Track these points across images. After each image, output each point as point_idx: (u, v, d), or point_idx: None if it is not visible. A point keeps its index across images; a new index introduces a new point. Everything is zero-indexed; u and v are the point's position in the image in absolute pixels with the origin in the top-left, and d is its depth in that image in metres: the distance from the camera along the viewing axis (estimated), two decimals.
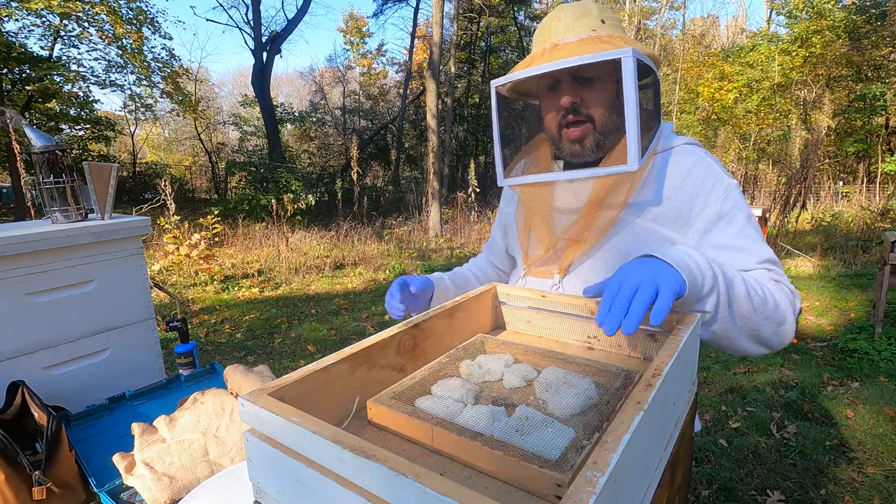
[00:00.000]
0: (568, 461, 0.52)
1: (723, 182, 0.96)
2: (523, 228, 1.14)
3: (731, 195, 0.96)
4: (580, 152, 0.98)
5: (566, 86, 0.95)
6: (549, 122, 1.01)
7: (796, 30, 12.22)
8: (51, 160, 1.40)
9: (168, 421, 1.07)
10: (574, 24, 0.95)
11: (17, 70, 10.56)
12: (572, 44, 0.93)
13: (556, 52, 0.93)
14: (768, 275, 0.92)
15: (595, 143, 0.97)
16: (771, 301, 0.86)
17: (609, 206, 0.97)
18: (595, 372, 0.75)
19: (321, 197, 13.74)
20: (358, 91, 22.47)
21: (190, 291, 6.01)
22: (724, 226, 0.95)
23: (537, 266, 1.10)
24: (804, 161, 6.98)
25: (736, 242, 0.94)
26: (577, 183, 1.01)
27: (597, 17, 0.96)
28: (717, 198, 0.95)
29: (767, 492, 2.22)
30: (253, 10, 15.23)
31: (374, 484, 0.45)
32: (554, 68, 0.87)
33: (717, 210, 0.95)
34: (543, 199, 1.04)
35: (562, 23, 0.96)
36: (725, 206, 0.95)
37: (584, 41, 0.93)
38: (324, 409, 0.66)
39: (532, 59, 0.97)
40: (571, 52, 0.91)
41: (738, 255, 0.93)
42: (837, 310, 4.67)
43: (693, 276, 0.76)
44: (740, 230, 0.94)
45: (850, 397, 3.02)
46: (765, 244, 0.95)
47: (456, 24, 15.18)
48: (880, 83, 11.40)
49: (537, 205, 1.05)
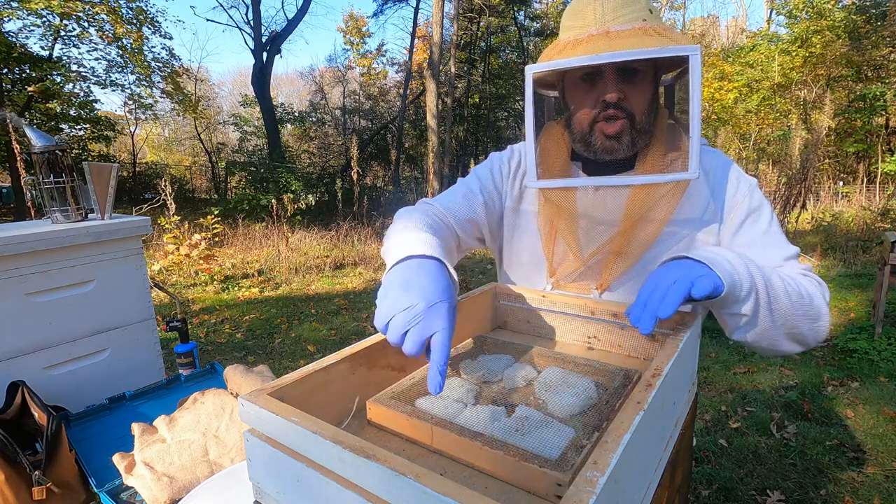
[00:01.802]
0: (568, 461, 0.52)
1: (747, 180, 0.94)
2: (548, 236, 1.00)
3: (756, 192, 0.94)
4: (616, 148, 0.90)
5: (611, 79, 0.86)
6: (583, 116, 0.90)
7: (796, 30, 12.22)
8: (51, 160, 1.40)
9: (168, 421, 1.07)
10: (622, 10, 0.84)
11: (17, 70, 10.56)
12: (627, 32, 0.82)
13: (611, 41, 0.81)
14: (799, 269, 0.90)
15: (631, 141, 0.89)
16: (806, 296, 0.82)
17: (655, 217, 0.90)
18: (595, 372, 0.75)
19: (321, 197, 13.73)
20: (358, 91, 22.47)
21: (190, 291, 6.01)
22: (751, 223, 0.92)
23: (569, 280, 0.99)
24: (804, 161, 6.99)
25: (764, 239, 0.91)
26: (615, 189, 0.91)
27: (645, 5, 0.85)
28: (744, 195, 0.93)
29: (767, 492, 2.22)
30: (253, 10, 15.24)
31: (374, 484, 0.45)
32: (624, 58, 0.75)
33: (745, 207, 0.92)
34: (579, 203, 0.94)
35: (607, 7, 0.84)
36: (753, 203, 0.93)
37: (637, 31, 0.82)
38: (324, 409, 0.66)
39: (574, 45, 0.84)
40: (629, 41, 0.80)
41: (767, 251, 0.91)
42: (837, 310, 4.67)
43: (730, 275, 0.73)
44: (768, 227, 0.92)
45: (850, 397, 3.02)
46: (787, 240, 0.93)
47: (456, 24, 15.18)
48: (880, 83, 11.40)
49: (571, 210, 0.94)
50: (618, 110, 0.87)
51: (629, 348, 0.87)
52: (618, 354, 0.88)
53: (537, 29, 19.08)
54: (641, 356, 0.86)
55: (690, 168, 0.79)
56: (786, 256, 0.91)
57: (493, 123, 19.63)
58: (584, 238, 0.95)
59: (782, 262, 0.90)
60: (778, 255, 0.90)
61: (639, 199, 0.89)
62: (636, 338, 0.86)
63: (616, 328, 0.88)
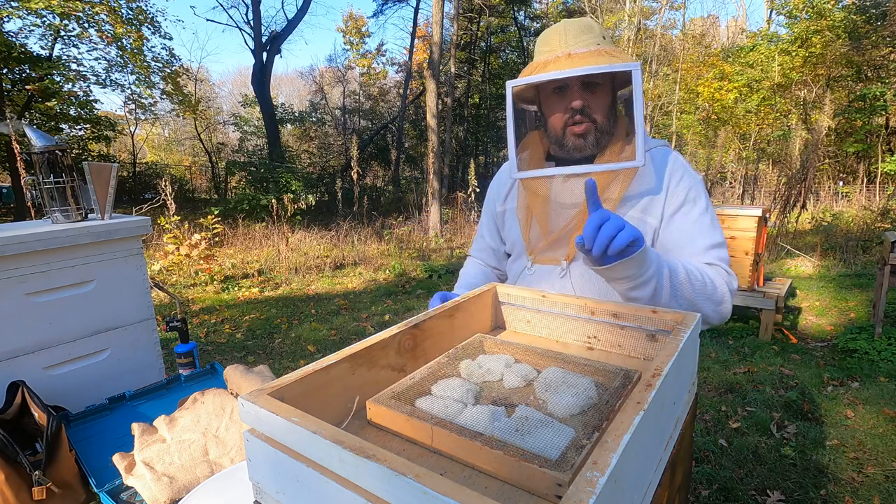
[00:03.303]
0: (568, 461, 0.52)
1: (691, 176, 1.12)
2: (525, 220, 1.21)
3: (696, 187, 1.11)
4: (583, 145, 1.10)
5: (576, 90, 1.07)
6: (556, 121, 1.12)
7: (796, 30, 12.21)
8: (51, 160, 1.40)
9: (168, 421, 1.07)
10: (582, 37, 1.07)
11: (17, 70, 10.56)
12: (584, 54, 1.04)
13: (572, 61, 1.04)
14: (710, 258, 1.07)
15: (595, 140, 1.10)
16: (710, 283, 1.01)
17: (609, 198, 1.08)
18: (595, 372, 0.75)
19: (321, 197, 13.74)
20: (358, 91, 22.47)
21: (190, 291, 6.01)
22: (685, 212, 1.09)
23: (543, 254, 1.18)
24: (804, 161, 6.98)
25: (693, 227, 1.08)
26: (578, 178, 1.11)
27: (599, 33, 1.10)
28: (684, 188, 1.10)
29: (767, 492, 2.22)
30: (253, 10, 15.24)
31: (374, 484, 0.45)
32: (580, 73, 0.99)
33: (682, 198, 1.09)
34: (552, 191, 1.15)
35: (569, 35, 1.08)
36: (690, 195, 1.10)
37: (593, 52, 1.04)
38: (324, 409, 0.66)
39: (544, 65, 1.07)
40: (586, 60, 1.02)
41: (694, 238, 1.08)
42: (837, 310, 4.67)
43: (647, 246, 0.91)
44: (699, 217, 1.09)
45: (850, 397, 3.02)
46: (717, 230, 1.10)
47: (456, 24, 15.17)
48: (880, 83, 11.39)
49: (545, 196, 1.15)
50: (583, 115, 1.08)
51: (629, 348, 0.87)
52: (618, 354, 0.88)
53: (537, 29, 19.07)
54: (641, 356, 0.86)
55: (637, 157, 1.00)
56: (709, 245, 1.07)
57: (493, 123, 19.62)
58: (554, 218, 1.15)
59: (706, 249, 1.07)
60: (703, 242, 1.08)
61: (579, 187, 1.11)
62: (636, 338, 0.86)
63: (616, 328, 0.88)
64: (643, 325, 0.84)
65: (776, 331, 4.11)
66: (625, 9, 15.91)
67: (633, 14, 15.11)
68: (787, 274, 6.02)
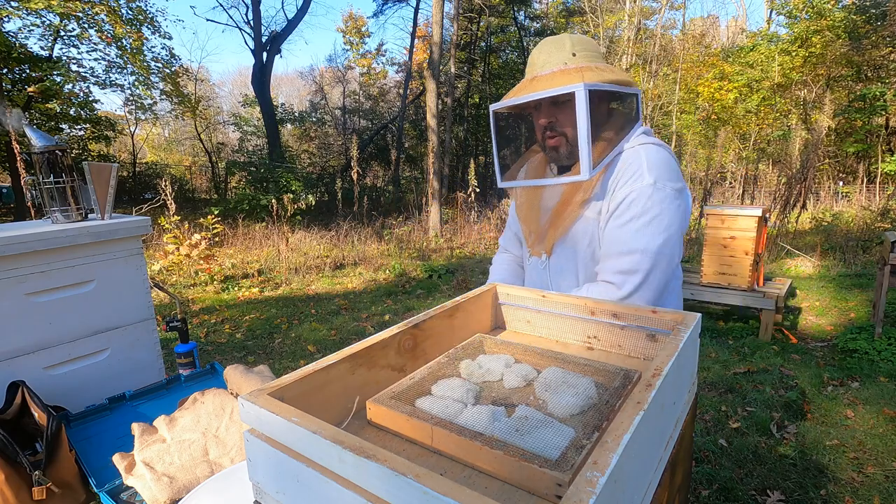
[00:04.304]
0: (568, 461, 0.52)
1: (641, 179, 1.10)
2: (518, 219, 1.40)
3: (643, 192, 1.09)
4: (557, 158, 1.23)
5: (544, 109, 1.19)
6: (539, 135, 1.25)
7: (796, 30, 12.21)
8: (51, 160, 1.40)
9: (168, 421, 1.07)
10: (550, 57, 1.16)
11: (18, 70, 10.55)
12: (545, 77, 1.14)
13: (535, 84, 1.14)
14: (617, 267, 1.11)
15: (568, 152, 1.19)
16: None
17: (572, 203, 1.20)
18: (595, 372, 0.75)
19: (321, 197, 13.74)
20: (358, 91, 22.46)
21: (190, 291, 6.01)
22: (617, 214, 1.12)
23: (533, 248, 1.34)
24: (804, 161, 6.98)
25: (615, 232, 1.12)
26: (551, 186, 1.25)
27: (569, 50, 1.16)
28: (624, 192, 1.12)
29: (767, 492, 2.22)
30: (253, 10, 15.24)
31: (374, 484, 0.45)
32: (525, 100, 1.12)
33: (618, 201, 1.12)
34: (531, 196, 1.32)
35: (541, 56, 1.18)
36: (629, 197, 1.11)
37: (555, 74, 1.13)
38: (324, 409, 0.66)
39: (522, 86, 1.18)
40: (545, 84, 1.12)
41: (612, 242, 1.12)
42: (837, 310, 4.67)
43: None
44: (626, 223, 1.11)
45: (850, 397, 3.02)
46: (643, 236, 1.09)
47: (456, 24, 15.17)
48: (880, 83, 11.39)
49: (523, 200, 1.35)
50: (553, 131, 1.19)
51: (629, 348, 0.87)
52: (618, 354, 0.88)
53: (537, 29, 19.06)
54: (641, 356, 0.86)
55: (582, 172, 1.09)
56: (621, 252, 1.10)
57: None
58: (532, 218, 1.31)
59: (617, 256, 1.11)
60: (616, 249, 1.11)
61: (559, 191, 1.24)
62: (636, 338, 0.86)
63: (616, 328, 0.88)
64: (643, 325, 0.84)
65: (776, 331, 4.11)
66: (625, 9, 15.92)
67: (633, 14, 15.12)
68: (787, 274, 6.02)
